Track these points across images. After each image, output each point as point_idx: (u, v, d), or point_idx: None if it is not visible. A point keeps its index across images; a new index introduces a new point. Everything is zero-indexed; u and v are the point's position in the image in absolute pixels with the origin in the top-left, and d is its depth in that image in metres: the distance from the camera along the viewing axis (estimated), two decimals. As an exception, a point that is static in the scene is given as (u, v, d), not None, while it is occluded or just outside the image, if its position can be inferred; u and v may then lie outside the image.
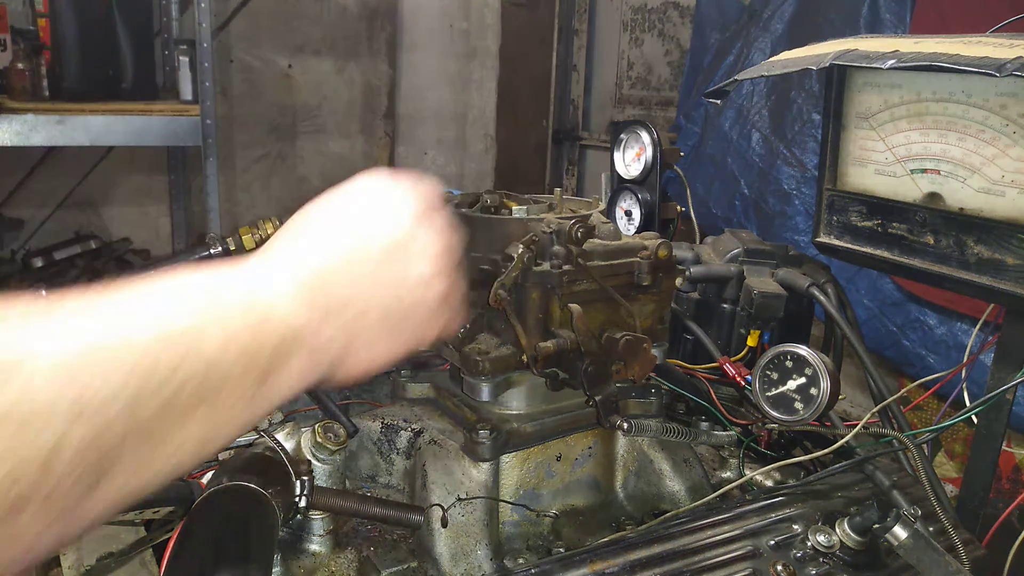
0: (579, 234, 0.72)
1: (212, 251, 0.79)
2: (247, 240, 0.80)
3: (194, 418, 0.36)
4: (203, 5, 2.24)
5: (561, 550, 0.71)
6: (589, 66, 4.00)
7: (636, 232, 1.00)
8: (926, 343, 1.92)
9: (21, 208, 2.69)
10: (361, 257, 0.45)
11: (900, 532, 0.62)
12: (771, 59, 0.89)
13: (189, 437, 0.36)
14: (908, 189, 0.83)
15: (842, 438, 0.77)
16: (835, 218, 0.93)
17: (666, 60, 3.50)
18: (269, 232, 0.81)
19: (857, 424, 0.80)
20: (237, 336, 0.38)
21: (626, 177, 1.22)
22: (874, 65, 0.74)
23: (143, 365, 0.33)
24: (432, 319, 0.49)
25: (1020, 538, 0.75)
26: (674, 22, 3.45)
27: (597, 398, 0.71)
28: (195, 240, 3.03)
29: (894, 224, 0.85)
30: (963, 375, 0.96)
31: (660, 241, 0.79)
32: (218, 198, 2.40)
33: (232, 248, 0.80)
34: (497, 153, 3.99)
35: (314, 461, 0.68)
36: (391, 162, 3.63)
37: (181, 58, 2.33)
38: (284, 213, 0.85)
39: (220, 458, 0.65)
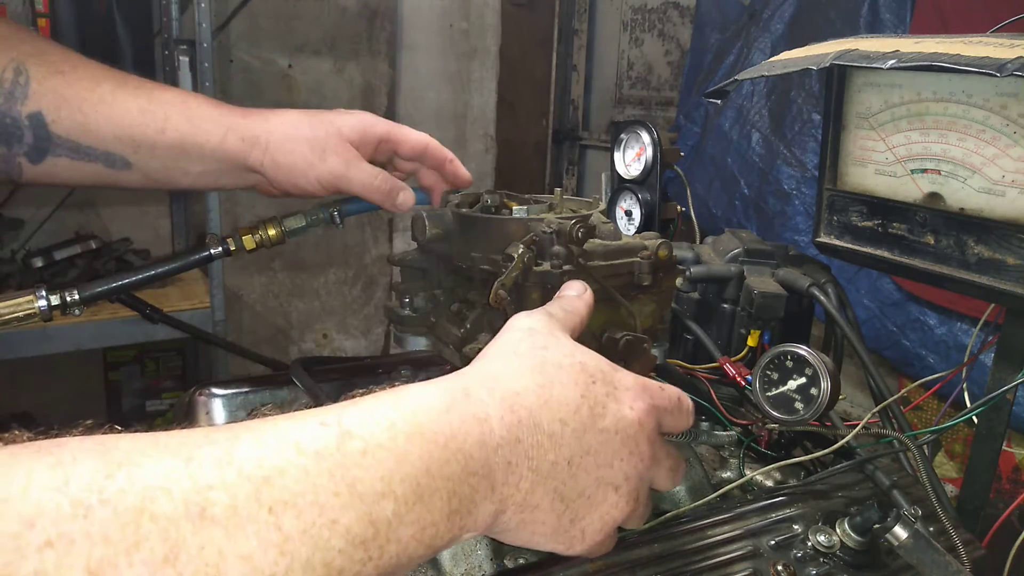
0: (580, 234, 0.72)
1: (212, 251, 0.79)
2: (247, 241, 0.80)
3: None
4: (203, 5, 2.24)
5: (561, 550, 0.71)
6: (589, 66, 4.00)
7: (636, 232, 1.00)
8: (926, 343, 1.92)
9: (21, 208, 2.68)
10: (540, 464, 0.45)
11: (900, 532, 0.62)
12: (771, 59, 0.89)
13: None
14: (908, 189, 0.83)
15: (842, 438, 0.77)
16: (835, 218, 0.93)
17: (666, 60, 3.50)
18: (271, 233, 0.80)
19: (858, 424, 0.80)
20: (432, 527, 0.38)
21: (626, 177, 1.22)
22: (874, 65, 0.74)
23: (335, 565, 0.34)
24: (606, 519, 0.49)
25: (1020, 538, 0.75)
26: (674, 22, 3.45)
27: (597, 398, 0.71)
28: (195, 240, 3.03)
29: (894, 224, 0.85)
30: (963, 375, 0.96)
31: (660, 241, 0.79)
32: (218, 198, 2.40)
33: (232, 249, 0.80)
34: (497, 153, 3.99)
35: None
36: (391, 162, 3.63)
37: (181, 58, 2.33)
38: (284, 212, 0.85)
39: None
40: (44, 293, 0.70)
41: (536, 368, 0.48)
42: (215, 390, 0.83)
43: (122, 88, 0.73)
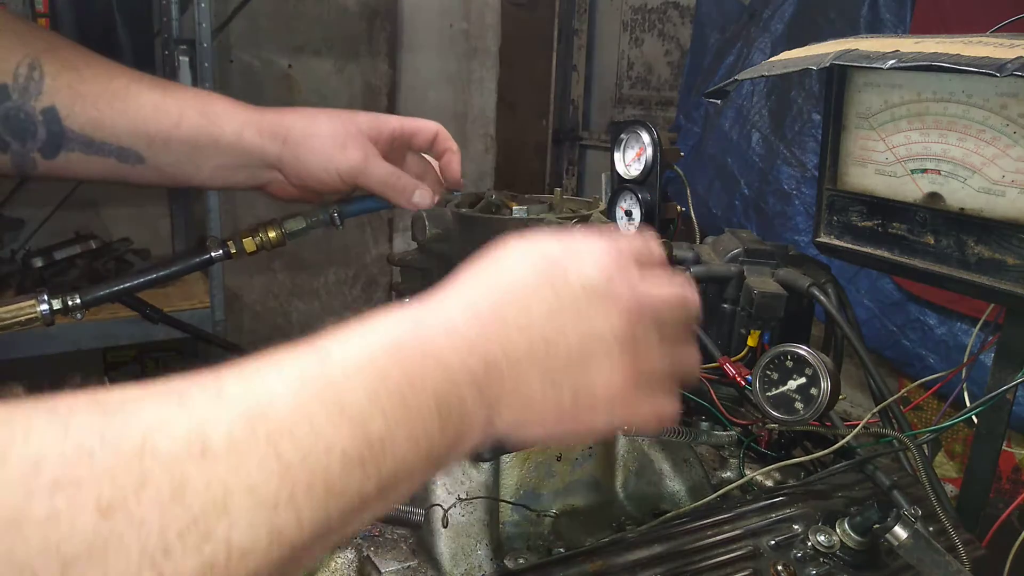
0: (579, 234, 0.72)
1: (213, 254, 0.79)
2: (248, 244, 0.80)
3: (371, 509, 0.38)
4: (203, 5, 2.24)
5: (561, 550, 0.71)
6: (589, 66, 4.00)
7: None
8: (926, 343, 1.92)
9: (21, 208, 2.68)
10: (538, 352, 0.45)
11: (900, 532, 0.62)
12: (771, 59, 0.89)
13: (363, 519, 0.38)
14: (908, 189, 0.83)
15: (842, 438, 0.78)
16: (835, 218, 0.93)
17: (666, 60, 3.50)
18: (271, 236, 0.80)
19: (857, 424, 0.80)
20: (426, 439, 0.39)
21: (626, 177, 1.22)
22: (874, 65, 0.74)
23: (337, 487, 0.35)
24: (605, 402, 0.48)
25: (1020, 538, 0.75)
26: (674, 22, 3.45)
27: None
28: (195, 241, 3.03)
29: (894, 224, 0.85)
30: (963, 375, 0.96)
31: (660, 241, 0.79)
32: (218, 197, 2.40)
33: (233, 252, 0.80)
34: (497, 153, 3.99)
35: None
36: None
37: (181, 58, 2.33)
38: (284, 213, 0.85)
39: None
40: (46, 297, 0.70)
41: (492, 272, 0.48)
42: (215, 390, 0.83)
43: (136, 83, 0.73)
